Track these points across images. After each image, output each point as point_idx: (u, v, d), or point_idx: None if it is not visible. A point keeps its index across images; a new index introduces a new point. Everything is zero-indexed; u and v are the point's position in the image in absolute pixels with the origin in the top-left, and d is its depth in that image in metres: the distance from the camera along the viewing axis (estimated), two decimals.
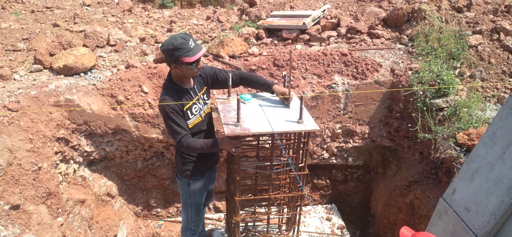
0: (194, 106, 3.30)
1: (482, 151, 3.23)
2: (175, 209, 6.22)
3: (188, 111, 3.24)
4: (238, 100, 2.94)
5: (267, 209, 3.82)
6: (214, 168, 3.86)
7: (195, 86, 3.35)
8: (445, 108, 4.62)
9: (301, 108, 3.10)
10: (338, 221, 5.68)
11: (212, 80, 3.53)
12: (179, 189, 3.79)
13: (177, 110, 3.10)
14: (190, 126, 3.26)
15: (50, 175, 4.50)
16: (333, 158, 5.83)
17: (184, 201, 3.80)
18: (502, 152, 3.03)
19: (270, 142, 3.71)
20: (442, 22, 5.74)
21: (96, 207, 5.41)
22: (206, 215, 6.04)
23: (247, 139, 3.92)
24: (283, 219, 4.37)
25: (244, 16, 7.85)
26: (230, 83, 3.46)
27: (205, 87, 3.47)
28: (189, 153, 3.36)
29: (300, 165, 3.39)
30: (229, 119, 3.18)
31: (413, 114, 4.81)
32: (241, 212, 3.77)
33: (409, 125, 4.98)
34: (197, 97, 3.34)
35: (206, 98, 3.47)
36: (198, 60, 3.05)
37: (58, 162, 4.82)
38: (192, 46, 2.99)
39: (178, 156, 3.52)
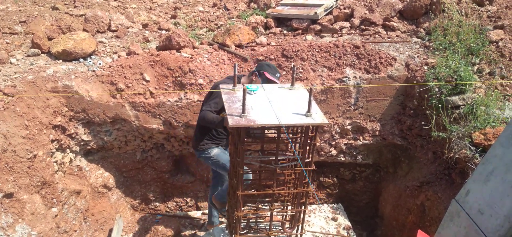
0: None
1: (498, 152, 3.24)
2: (174, 203, 6.28)
3: None
4: (244, 90, 2.97)
5: (270, 205, 3.85)
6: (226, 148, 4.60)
7: None
8: (461, 106, 4.63)
9: (309, 101, 3.11)
10: (344, 221, 5.72)
11: None
12: (207, 162, 4.59)
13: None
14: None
15: (45, 163, 4.56)
16: (342, 155, 5.85)
17: (217, 166, 4.56)
18: None
19: (275, 135, 3.73)
20: (462, 15, 5.73)
21: (92, 199, 5.47)
22: (206, 211, 6.10)
23: (252, 131, 3.94)
24: (287, 216, 4.40)
25: (252, 4, 7.85)
26: (235, 72, 3.49)
27: None
28: (202, 123, 4.18)
29: (306, 161, 3.41)
30: (234, 109, 3.21)
31: (428, 112, 4.81)
32: (243, 208, 3.81)
33: (423, 123, 4.98)
34: None
35: None
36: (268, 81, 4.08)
37: (54, 150, 4.88)
38: (277, 76, 4.19)
39: (197, 134, 4.47)
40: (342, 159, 5.88)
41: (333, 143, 5.72)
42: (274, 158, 3.52)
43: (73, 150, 5.23)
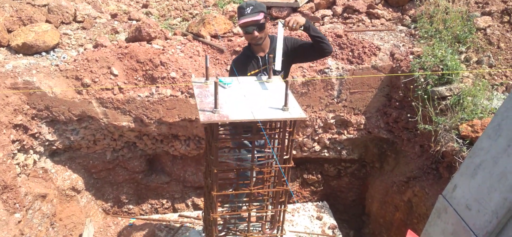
0: (260, 75, 3.64)
1: (485, 144, 3.23)
2: (149, 206, 6.19)
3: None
4: (215, 83, 2.91)
5: (248, 206, 3.81)
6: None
7: (266, 55, 3.71)
8: (448, 97, 4.64)
9: (286, 94, 3.07)
10: (329, 220, 5.72)
11: (294, 52, 3.74)
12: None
13: (234, 73, 3.58)
14: None
15: (6, 166, 4.44)
16: (325, 150, 5.84)
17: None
18: (507, 145, 3.02)
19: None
20: (449, 1, 5.75)
21: (59, 203, 5.36)
22: (183, 213, 6.04)
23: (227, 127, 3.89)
24: (267, 217, 4.37)
25: None
26: (207, 64, 3.42)
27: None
28: None
29: (284, 157, 3.37)
30: (206, 104, 3.15)
31: (413, 104, 4.82)
32: (219, 209, 3.76)
33: (409, 115, 5.00)
34: (264, 66, 3.70)
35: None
36: (250, 27, 3.47)
37: (16, 151, 4.76)
38: (246, 13, 3.46)
39: None
40: (326, 154, 5.87)
41: (316, 137, 5.70)
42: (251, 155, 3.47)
43: (37, 151, 5.11)
